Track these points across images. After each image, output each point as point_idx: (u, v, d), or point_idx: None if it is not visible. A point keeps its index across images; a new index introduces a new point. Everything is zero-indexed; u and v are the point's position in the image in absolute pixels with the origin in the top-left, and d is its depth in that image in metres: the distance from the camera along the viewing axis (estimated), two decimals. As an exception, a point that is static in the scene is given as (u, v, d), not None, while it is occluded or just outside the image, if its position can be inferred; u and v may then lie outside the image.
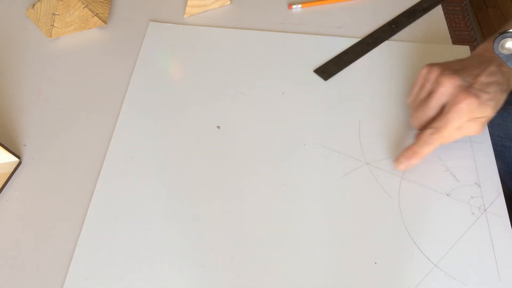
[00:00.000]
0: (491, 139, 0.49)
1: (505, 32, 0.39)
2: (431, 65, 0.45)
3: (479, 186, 0.47)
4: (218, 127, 0.51)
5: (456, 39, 1.60)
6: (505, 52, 0.40)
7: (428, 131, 0.44)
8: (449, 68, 0.44)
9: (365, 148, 0.49)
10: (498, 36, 0.39)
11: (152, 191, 0.47)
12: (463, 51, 0.57)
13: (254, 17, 0.62)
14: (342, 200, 0.46)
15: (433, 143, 0.44)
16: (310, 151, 0.49)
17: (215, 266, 0.42)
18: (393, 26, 0.61)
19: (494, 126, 0.57)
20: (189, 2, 0.60)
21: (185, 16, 0.60)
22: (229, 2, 0.62)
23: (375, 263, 0.42)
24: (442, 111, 0.44)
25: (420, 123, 0.46)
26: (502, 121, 0.58)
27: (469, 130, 0.43)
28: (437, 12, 0.62)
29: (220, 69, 0.57)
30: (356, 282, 0.41)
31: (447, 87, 0.43)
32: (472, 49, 0.57)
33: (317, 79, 0.56)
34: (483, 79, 0.43)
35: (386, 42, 0.59)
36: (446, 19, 0.62)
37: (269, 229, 0.44)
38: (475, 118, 0.42)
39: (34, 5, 0.60)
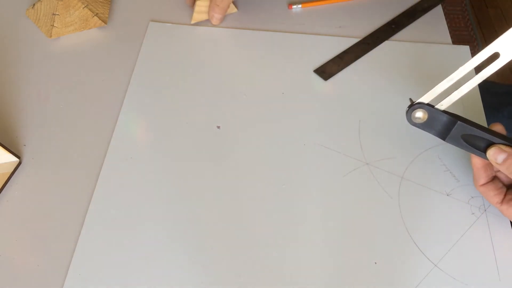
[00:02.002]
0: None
1: (412, 104, 0.41)
2: None
3: (479, 186, 0.47)
4: (218, 127, 0.51)
5: (456, 39, 1.59)
6: (417, 121, 0.42)
7: None
8: None
9: (365, 148, 0.49)
10: (408, 109, 0.41)
11: (152, 191, 0.47)
12: (463, 51, 0.58)
13: (254, 17, 0.62)
14: (342, 200, 0.46)
15: None
16: (310, 151, 0.49)
17: (215, 266, 0.42)
18: (393, 26, 0.61)
19: None
20: (196, 8, 0.60)
21: (192, 22, 0.60)
22: (235, 10, 0.62)
23: (375, 263, 0.42)
24: None
25: None
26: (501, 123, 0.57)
27: None
28: (437, 12, 0.62)
29: (220, 69, 0.57)
30: (356, 282, 0.41)
31: None
32: (472, 49, 0.57)
33: (317, 79, 0.56)
34: None
35: (386, 42, 0.59)
36: (446, 19, 0.62)
37: (269, 229, 0.44)
38: None
39: (34, 5, 0.60)
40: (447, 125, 0.41)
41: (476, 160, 0.42)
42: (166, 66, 0.57)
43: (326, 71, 0.56)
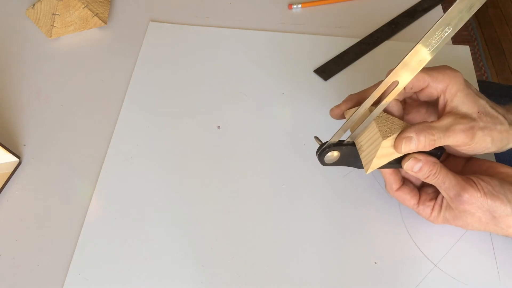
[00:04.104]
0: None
1: (322, 147, 0.39)
2: None
3: (479, 186, 0.47)
4: (218, 127, 0.51)
5: (456, 39, 1.60)
6: (331, 161, 0.40)
7: None
8: None
9: (365, 148, 0.49)
10: (319, 153, 0.40)
11: (152, 191, 0.47)
12: (463, 51, 0.58)
13: (254, 17, 0.62)
14: (342, 200, 0.46)
15: None
16: (310, 151, 0.49)
17: (215, 266, 0.42)
18: (393, 26, 0.61)
19: None
20: (380, 152, 0.39)
21: (368, 171, 0.40)
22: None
23: (375, 263, 0.42)
24: None
25: None
26: None
27: None
28: (437, 12, 0.62)
29: (220, 69, 0.57)
30: (356, 282, 0.41)
31: None
32: (472, 49, 0.57)
33: (317, 79, 0.56)
34: None
35: (386, 42, 0.59)
36: (446, 19, 0.62)
37: (269, 229, 0.44)
38: None
39: (34, 5, 0.60)
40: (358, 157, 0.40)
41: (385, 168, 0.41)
42: (166, 66, 0.57)
43: (326, 71, 0.56)
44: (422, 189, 0.43)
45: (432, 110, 0.43)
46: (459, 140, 0.38)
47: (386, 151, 0.38)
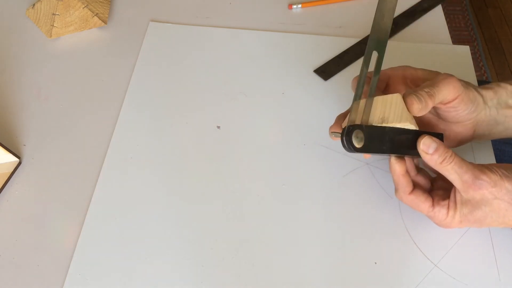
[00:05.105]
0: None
1: (348, 128, 0.36)
2: None
3: (479, 186, 0.47)
4: (218, 127, 0.51)
5: (456, 39, 1.60)
6: (358, 144, 0.37)
7: None
8: None
9: (365, 148, 0.49)
10: (345, 138, 0.36)
11: (152, 191, 0.47)
12: (463, 51, 0.57)
13: (254, 17, 0.62)
14: (342, 200, 0.46)
15: None
16: (310, 151, 0.49)
17: (215, 266, 0.42)
18: (393, 26, 0.61)
19: None
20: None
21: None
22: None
23: (375, 263, 0.42)
24: None
25: None
26: None
27: None
28: (437, 12, 0.62)
29: (220, 69, 0.57)
30: (356, 282, 0.41)
31: None
32: (472, 49, 0.57)
33: (317, 79, 0.56)
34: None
35: (386, 42, 0.59)
36: (446, 19, 0.62)
37: (269, 229, 0.44)
38: None
39: (34, 5, 0.60)
40: (380, 137, 0.38)
41: (396, 168, 0.39)
42: (166, 66, 0.57)
43: (326, 71, 0.56)
44: (432, 192, 0.42)
45: None
46: (450, 88, 0.39)
47: (406, 113, 0.39)
